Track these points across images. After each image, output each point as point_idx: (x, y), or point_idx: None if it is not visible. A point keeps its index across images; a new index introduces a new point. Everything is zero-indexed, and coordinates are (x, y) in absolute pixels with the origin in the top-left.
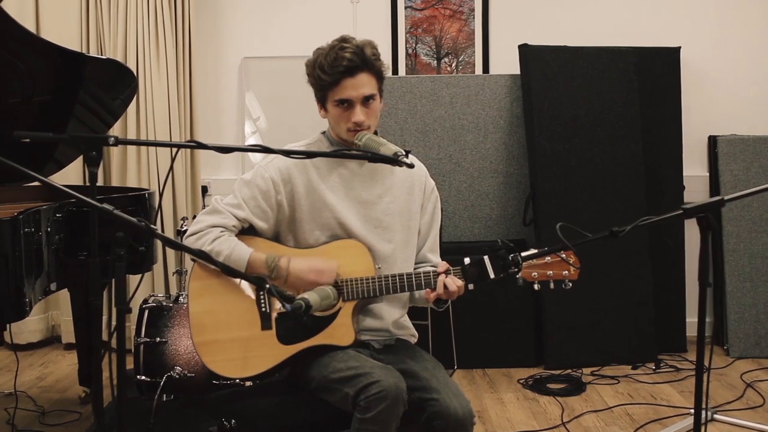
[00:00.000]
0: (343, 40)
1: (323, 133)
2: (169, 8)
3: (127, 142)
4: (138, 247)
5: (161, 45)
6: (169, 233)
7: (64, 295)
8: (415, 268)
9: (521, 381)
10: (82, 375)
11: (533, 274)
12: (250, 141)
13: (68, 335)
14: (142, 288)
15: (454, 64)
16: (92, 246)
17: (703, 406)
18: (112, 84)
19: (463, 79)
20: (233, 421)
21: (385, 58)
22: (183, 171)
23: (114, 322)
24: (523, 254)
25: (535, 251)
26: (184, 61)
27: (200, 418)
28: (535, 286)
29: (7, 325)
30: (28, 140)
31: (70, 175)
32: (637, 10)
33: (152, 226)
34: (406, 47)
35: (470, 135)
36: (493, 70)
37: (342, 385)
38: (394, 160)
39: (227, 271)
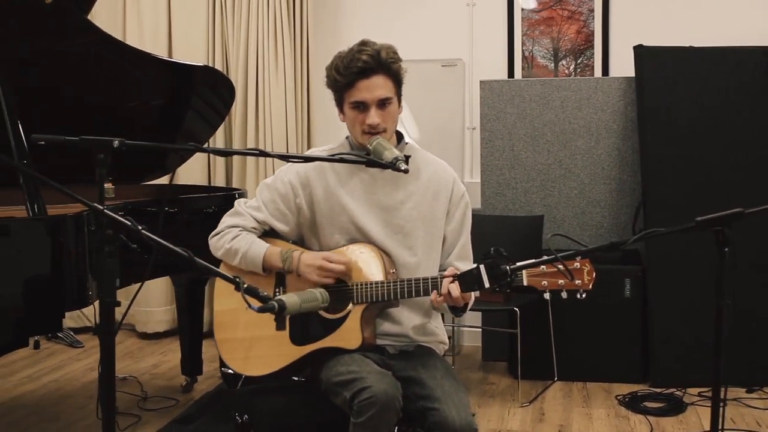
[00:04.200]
0: (363, 43)
1: (347, 137)
2: (288, 16)
3: (133, 146)
4: (131, 245)
5: (279, 52)
6: None
7: None
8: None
9: (619, 397)
10: (185, 364)
11: (543, 282)
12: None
13: None
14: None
15: (572, 67)
16: (107, 244)
17: None
18: (215, 87)
19: (575, 82)
20: (245, 416)
21: (501, 60)
22: None
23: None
24: (518, 264)
25: (530, 261)
26: (302, 67)
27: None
28: (546, 296)
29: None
30: (43, 142)
31: (195, 174)
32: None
33: (139, 227)
34: (522, 49)
35: (581, 140)
36: (613, 72)
37: (341, 388)
38: (390, 166)
39: (207, 270)
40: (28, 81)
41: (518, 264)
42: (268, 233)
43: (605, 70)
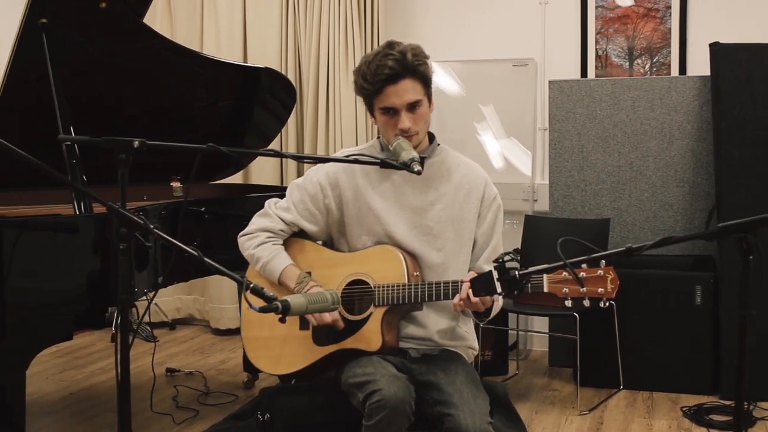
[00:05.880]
0: (389, 46)
1: (378, 138)
2: (359, 17)
3: (154, 146)
4: (146, 243)
5: (350, 55)
6: None
7: None
8: None
9: (684, 408)
10: (247, 361)
11: (564, 289)
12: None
13: None
14: None
15: (647, 66)
16: (117, 242)
17: None
18: (280, 88)
19: (647, 82)
20: (267, 415)
21: (574, 60)
22: None
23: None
24: (529, 269)
25: (540, 267)
26: None
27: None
28: (567, 303)
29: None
30: (69, 143)
31: (268, 174)
32: None
33: (150, 225)
34: (596, 48)
35: (653, 141)
36: (691, 71)
37: (356, 390)
38: (404, 167)
39: (215, 270)
40: (87, 85)
41: (529, 269)
42: (298, 234)
43: (682, 69)
